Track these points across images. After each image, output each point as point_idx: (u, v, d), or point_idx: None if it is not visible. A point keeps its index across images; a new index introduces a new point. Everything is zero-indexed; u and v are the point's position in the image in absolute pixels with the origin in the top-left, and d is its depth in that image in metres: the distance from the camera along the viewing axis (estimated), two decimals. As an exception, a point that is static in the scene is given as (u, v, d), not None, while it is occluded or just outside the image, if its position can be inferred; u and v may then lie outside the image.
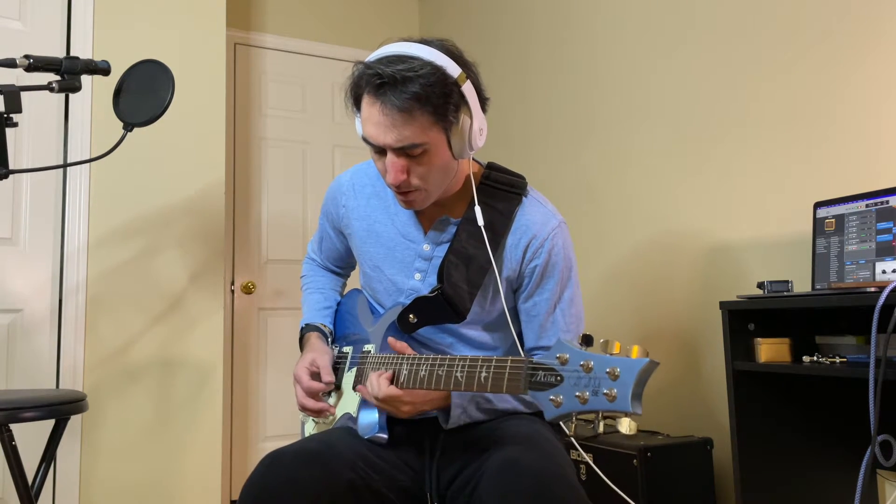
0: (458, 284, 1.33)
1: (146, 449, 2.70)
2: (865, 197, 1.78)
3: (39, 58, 1.61)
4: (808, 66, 2.08)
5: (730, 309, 1.81)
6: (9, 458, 1.80)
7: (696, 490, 2.11)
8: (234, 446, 3.43)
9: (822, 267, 1.85)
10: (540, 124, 3.18)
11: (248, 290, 3.52)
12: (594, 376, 0.95)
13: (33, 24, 2.68)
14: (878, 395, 1.44)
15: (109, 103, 1.80)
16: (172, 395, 2.76)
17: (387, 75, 1.18)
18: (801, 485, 1.83)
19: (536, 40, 3.22)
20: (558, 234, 1.37)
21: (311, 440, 1.31)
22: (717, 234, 2.34)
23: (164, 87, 1.75)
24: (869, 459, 1.50)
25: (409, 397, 1.23)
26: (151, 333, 2.75)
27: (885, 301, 1.44)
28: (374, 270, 1.45)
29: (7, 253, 2.58)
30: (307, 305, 1.61)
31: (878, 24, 1.91)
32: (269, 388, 3.54)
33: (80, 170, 2.67)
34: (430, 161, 1.25)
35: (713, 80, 2.37)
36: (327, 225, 1.57)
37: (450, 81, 1.21)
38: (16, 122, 1.59)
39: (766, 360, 1.76)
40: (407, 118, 1.19)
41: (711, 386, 2.33)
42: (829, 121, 2.02)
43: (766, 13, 2.20)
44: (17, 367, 2.56)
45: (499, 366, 1.08)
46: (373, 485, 1.27)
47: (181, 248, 2.82)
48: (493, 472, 1.15)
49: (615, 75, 2.78)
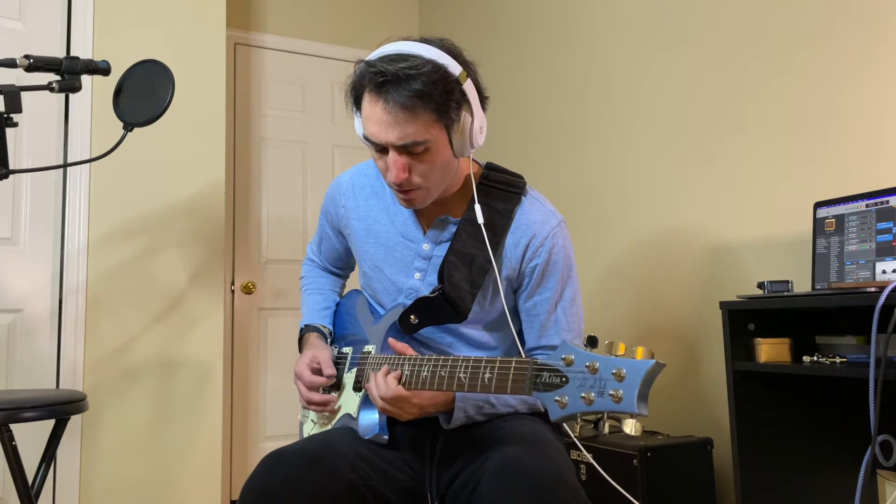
0: (458, 284, 1.33)
1: (146, 449, 2.70)
2: (865, 197, 1.78)
3: (39, 58, 1.61)
4: (808, 66, 2.08)
5: (730, 309, 1.81)
6: (9, 458, 1.80)
7: (696, 490, 2.11)
8: (234, 446, 3.43)
9: (822, 267, 1.85)
10: (539, 124, 3.18)
11: (248, 290, 3.52)
12: (600, 377, 0.95)
13: (33, 24, 2.68)
14: (878, 395, 1.44)
15: (109, 103, 1.80)
16: (172, 395, 2.76)
17: (389, 73, 1.18)
18: (801, 485, 1.83)
19: (535, 40, 3.22)
20: (558, 233, 1.37)
21: (311, 440, 1.31)
22: (717, 234, 2.34)
23: (164, 87, 1.76)
24: (869, 459, 1.50)
25: (417, 399, 1.23)
26: (151, 333, 2.75)
27: (885, 301, 1.44)
28: (373, 270, 1.45)
29: (7, 253, 2.58)
30: (306, 306, 1.61)
31: (879, 24, 1.91)
32: (269, 388, 3.54)
33: (80, 170, 2.67)
34: (432, 159, 1.25)
35: (713, 80, 2.37)
36: (327, 225, 1.57)
37: (451, 79, 1.21)
38: (16, 122, 1.59)
39: (766, 360, 1.75)
40: (410, 116, 1.19)
41: (711, 386, 2.33)
42: (829, 121, 2.02)
43: (766, 13, 2.20)
44: (17, 367, 2.56)
45: (503, 367, 1.08)
46: (373, 485, 1.27)
47: (181, 248, 2.82)
48: (492, 472, 1.15)
49: (614, 75, 2.78)
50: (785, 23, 2.15)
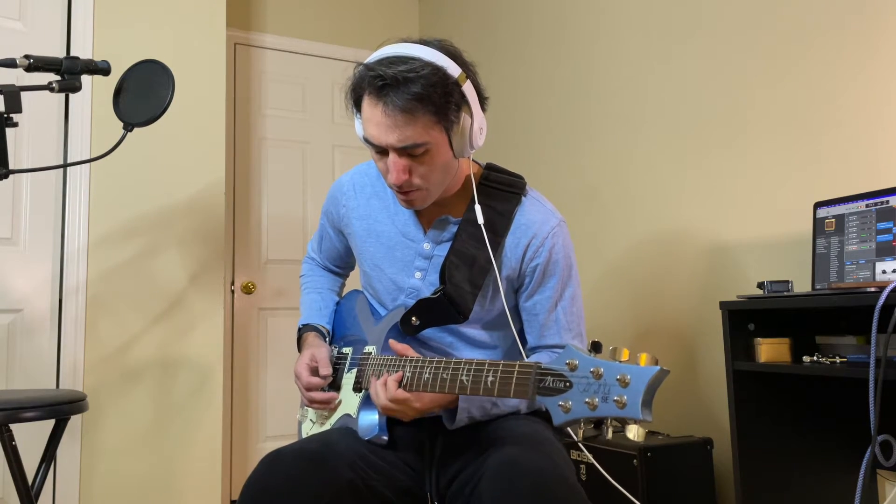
0: (459, 285, 1.34)
1: (146, 449, 2.70)
2: (865, 197, 1.78)
3: (39, 58, 1.61)
4: (808, 66, 2.08)
5: (730, 309, 1.81)
6: (9, 458, 1.80)
7: (696, 490, 2.11)
8: (234, 446, 3.43)
9: (822, 267, 1.85)
10: (539, 125, 3.18)
11: (248, 290, 3.52)
12: (604, 383, 0.94)
13: (33, 24, 2.68)
14: (878, 395, 1.44)
15: (109, 103, 1.80)
16: (172, 395, 2.76)
17: (388, 76, 1.19)
18: (801, 485, 1.83)
19: (536, 40, 3.22)
20: (558, 232, 1.37)
21: (311, 440, 1.31)
22: (717, 234, 2.34)
23: (164, 86, 1.75)
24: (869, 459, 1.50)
25: (419, 403, 1.23)
26: (151, 333, 2.75)
27: (885, 301, 1.44)
28: (374, 270, 1.45)
29: (7, 253, 2.58)
30: (305, 306, 1.62)
31: (879, 25, 1.91)
32: (269, 388, 3.54)
33: (80, 170, 2.67)
34: (432, 160, 1.25)
35: (713, 81, 2.37)
36: (328, 225, 1.58)
37: (451, 81, 1.22)
38: (16, 122, 1.59)
39: (766, 360, 1.76)
40: (409, 118, 1.20)
41: (711, 386, 2.33)
42: (830, 121, 2.02)
43: (766, 14, 2.20)
44: (17, 367, 2.56)
45: (506, 370, 1.08)
46: (373, 485, 1.27)
47: (181, 248, 2.82)
48: (492, 472, 1.15)
49: (615, 75, 2.78)
50: (785, 23, 2.15)
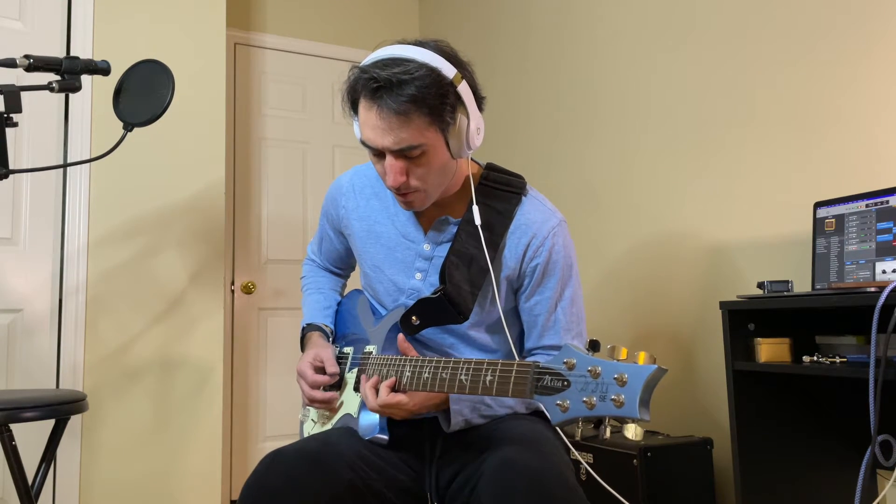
0: (459, 285, 1.34)
1: (146, 449, 2.70)
2: (865, 197, 1.78)
3: (39, 58, 1.61)
4: (808, 66, 2.08)
5: (730, 309, 1.81)
6: (9, 458, 1.80)
7: (696, 490, 2.11)
8: (234, 446, 3.43)
9: (822, 267, 1.85)
10: (540, 124, 3.18)
11: (248, 290, 3.52)
12: (602, 382, 0.94)
13: (33, 24, 2.68)
14: (878, 395, 1.44)
15: (109, 103, 1.80)
16: (172, 395, 2.76)
17: (382, 79, 1.19)
18: (801, 485, 1.83)
19: (536, 40, 3.22)
20: (558, 232, 1.37)
21: (311, 440, 1.31)
22: (717, 234, 2.34)
23: (164, 86, 1.76)
24: (869, 459, 1.50)
25: (411, 405, 1.23)
26: (151, 333, 2.75)
27: (885, 301, 1.44)
28: (374, 271, 1.45)
29: (7, 253, 2.58)
30: (307, 306, 1.62)
31: (879, 24, 1.91)
32: (269, 388, 3.54)
33: (80, 170, 2.67)
34: (429, 162, 1.25)
35: (713, 81, 2.37)
36: (327, 226, 1.58)
37: (445, 82, 1.22)
38: (16, 122, 1.59)
39: (766, 360, 1.75)
40: (404, 121, 1.20)
41: (711, 386, 2.33)
42: (829, 121, 2.02)
43: (766, 13, 2.20)
44: (17, 367, 2.56)
45: (504, 369, 1.08)
46: (373, 485, 1.27)
47: (181, 248, 2.82)
48: (491, 472, 1.15)
49: (615, 75, 2.78)
50: (785, 23, 2.15)
